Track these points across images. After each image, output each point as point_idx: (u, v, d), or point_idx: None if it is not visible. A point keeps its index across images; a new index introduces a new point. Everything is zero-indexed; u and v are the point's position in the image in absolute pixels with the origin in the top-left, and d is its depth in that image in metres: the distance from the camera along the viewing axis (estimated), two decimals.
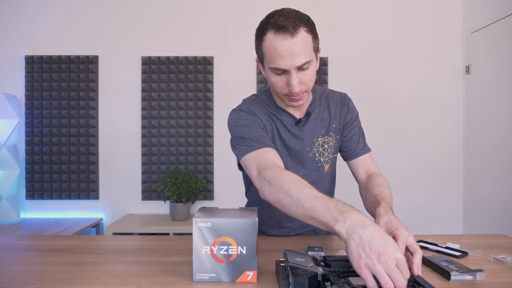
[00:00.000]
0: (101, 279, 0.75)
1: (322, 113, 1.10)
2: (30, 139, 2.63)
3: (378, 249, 0.60)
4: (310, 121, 1.08)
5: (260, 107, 1.06)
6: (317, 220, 0.70)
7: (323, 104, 1.11)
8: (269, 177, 0.83)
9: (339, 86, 2.69)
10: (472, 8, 2.62)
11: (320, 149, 1.08)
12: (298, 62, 0.88)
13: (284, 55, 0.87)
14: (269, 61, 0.91)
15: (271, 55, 0.90)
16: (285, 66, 0.88)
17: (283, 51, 0.87)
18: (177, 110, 2.66)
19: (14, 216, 2.44)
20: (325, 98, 1.12)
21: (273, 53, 0.88)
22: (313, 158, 1.08)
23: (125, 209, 2.68)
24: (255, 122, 1.01)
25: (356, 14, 2.71)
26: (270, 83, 0.97)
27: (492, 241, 1.06)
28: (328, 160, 1.10)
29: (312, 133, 1.07)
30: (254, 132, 0.97)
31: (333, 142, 1.10)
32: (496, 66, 2.38)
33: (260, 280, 0.75)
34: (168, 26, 2.68)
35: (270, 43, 0.89)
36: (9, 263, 0.86)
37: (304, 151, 1.07)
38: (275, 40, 0.87)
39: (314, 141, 1.08)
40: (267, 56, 0.92)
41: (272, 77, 0.94)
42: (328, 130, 1.10)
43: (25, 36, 2.65)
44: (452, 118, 2.72)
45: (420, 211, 2.71)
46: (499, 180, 2.34)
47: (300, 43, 0.87)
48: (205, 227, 0.72)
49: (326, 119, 1.10)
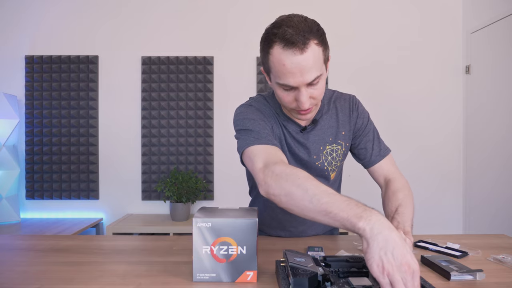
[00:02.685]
0: (101, 279, 0.75)
1: (330, 120, 1.04)
2: (30, 139, 2.63)
3: (400, 258, 0.59)
4: (317, 129, 1.03)
5: (271, 108, 1.02)
6: (334, 216, 0.66)
7: (331, 110, 1.06)
8: (279, 171, 0.77)
9: (340, 87, 2.69)
10: (472, 8, 2.62)
11: (328, 158, 1.03)
12: (308, 78, 0.83)
13: (293, 72, 0.81)
14: (277, 77, 0.85)
15: (278, 71, 0.84)
16: (294, 83, 0.83)
17: (292, 68, 0.81)
18: (177, 110, 2.66)
19: (14, 216, 2.44)
20: (333, 103, 1.07)
21: (281, 69, 0.82)
22: (321, 168, 1.03)
23: (125, 209, 2.68)
24: (264, 120, 0.96)
25: (356, 14, 2.70)
26: (277, 96, 0.92)
27: (492, 241, 1.06)
28: (335, 168, 1.06)
29: (319, 141, 1.03)
30: (263, 129, 0.93)
31: (341, 150, 1.05)
32: (496, 66, 2.38)
33: (260, 280, 0.75)
34: (168, 26, 2.68)
35: (278, 58, 0.82)
36: (9, 263, 0.86)
37: (311, 160, 1.02)
38: (284, 56, 0.81)
39: (321, 149, 1.03)
40: (274, 71, 0.86)
41: (279, 92, 0.89)
42: (336, 137, 1.05)
43: (25, 36, 2.65)
44: (452, 117, 2.72)
45: (420, 211, 2.70)
46: (499, 179, 2.34)
47: (311, 59, 0.81)
48: (205, 227, 0.72)
49: (334, 127, 1.05)
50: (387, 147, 1.12)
